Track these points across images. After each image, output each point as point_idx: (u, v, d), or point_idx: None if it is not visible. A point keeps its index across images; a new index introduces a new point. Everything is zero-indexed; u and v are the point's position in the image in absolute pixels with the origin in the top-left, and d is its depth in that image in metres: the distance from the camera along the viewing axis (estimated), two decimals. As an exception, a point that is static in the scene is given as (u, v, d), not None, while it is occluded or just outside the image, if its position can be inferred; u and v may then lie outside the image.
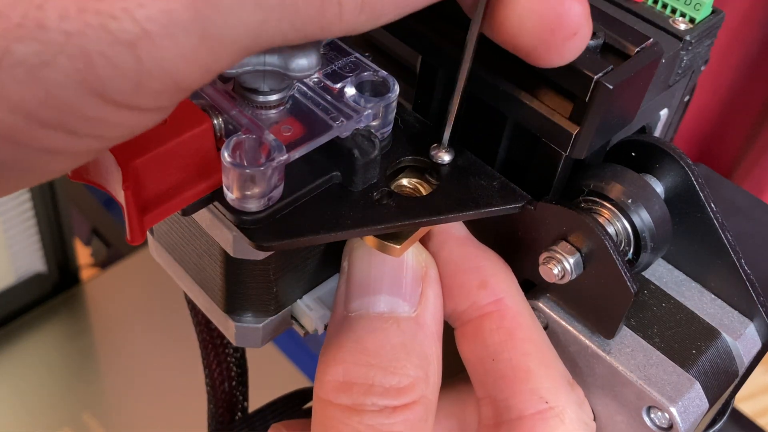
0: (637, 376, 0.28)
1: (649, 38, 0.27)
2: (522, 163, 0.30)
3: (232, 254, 0.29)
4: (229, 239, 0.28)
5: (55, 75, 0.17)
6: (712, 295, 0.31)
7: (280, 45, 0.20)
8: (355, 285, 0.29)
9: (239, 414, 0.40)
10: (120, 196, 0.24)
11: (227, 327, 0.33)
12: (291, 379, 0.99)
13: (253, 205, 0.26)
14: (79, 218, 1.17)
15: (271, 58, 0.24)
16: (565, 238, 0.28)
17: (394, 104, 0.28)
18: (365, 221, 0.27)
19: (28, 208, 0.99)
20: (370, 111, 0.27)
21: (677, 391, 0.28)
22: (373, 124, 0.28)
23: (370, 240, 0.29)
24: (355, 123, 0.27)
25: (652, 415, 0.29)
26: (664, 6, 0.29)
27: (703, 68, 0.31)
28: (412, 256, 0.29)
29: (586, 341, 0.30)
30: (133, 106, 0.19)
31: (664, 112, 0.32)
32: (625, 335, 0.30)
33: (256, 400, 0.41)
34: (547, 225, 0.28)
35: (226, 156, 0.25)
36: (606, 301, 0.28)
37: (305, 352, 1.03)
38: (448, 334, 0.30)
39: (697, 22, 0.29)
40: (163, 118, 0.20)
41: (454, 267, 0.30)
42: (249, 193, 0.25)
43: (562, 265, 0.28)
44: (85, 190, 1.17)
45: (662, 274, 0.32)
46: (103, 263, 1.17)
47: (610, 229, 0.29)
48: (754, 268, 0.30)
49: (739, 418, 0.71)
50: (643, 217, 0.29)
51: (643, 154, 0.30)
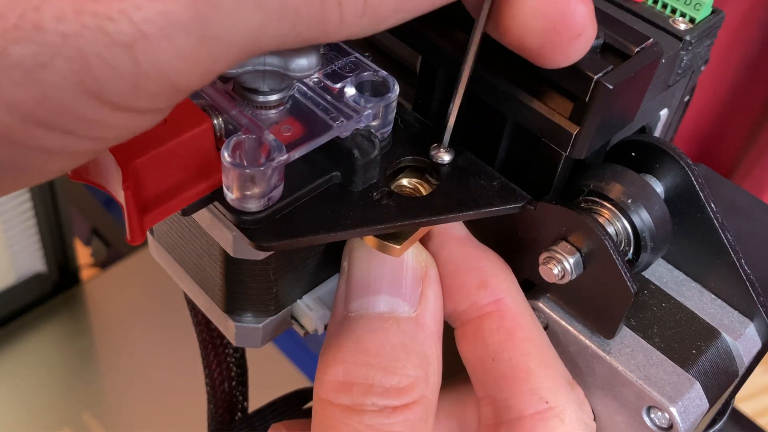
0: (637, 376, 0.28)
1: (649, 38, 0.27)
2: (522, 163, 0.30)
3: (232, 254, 0.29)
4: (229, 239, 0.28)
5: (51, 76, 0.17)
6: (712, 295, 0.31)
7: (280, 48, 0.20)
8: (355, 285, 0.29)
9: (239, 414, 0.40)
10: (120, 196, 0.24)
11: (227, 327, 0.33)
12: (291, 379, 0.99)
13: (253, 205, 0.26)
14: (79, 218, 1.17)
15: (271, 59, 0.24)
16: (565, 238, 0.28)
17: (394, 104, 0.28)
18: (365, 221, 0.27)
19: (28, 208, 0.99)
20: (370, 111, 0.27)
21: (677, 391, 0.28)
22: (373, 124, 0.28)
23: (370, 240, 0.29)
24: (355, 123, 0.27)
25: (652, 415, 0.29)
26: (664, 6, 0.29)
27: (703, 68, 0.31)
28: (412, 256, 0.29)
29: (586, 341, 0.30)
30: (130, 107, 0.19)
31: (664, 112, 0.32)
32: (625, 335, 0.30)
33: (256, 400, 0.41)
34: (547, 225, 0.28)
35: (226, 156, 0.25)
36: (606, 301, 0.28)
37: (305, 352, 1.03)
38: (448, 334, 0.30)
39: (697, 22, 0.29)
40: (160, 119, 0.20)
41: (454, 267, 0.30)
42: (249, 193, 0.25)
43: (562, 265, 0.28)
44: (85, 190, 1.17)
45: (662, 274, 0.32)
46: (103, 263, 1.17)
47: (610, 229, 0.29)
48: (754, 268, 0.30)
49: (739, 418, 0.71)
50: (643, 217, 0.29)
51: (643, 154, 0.30)
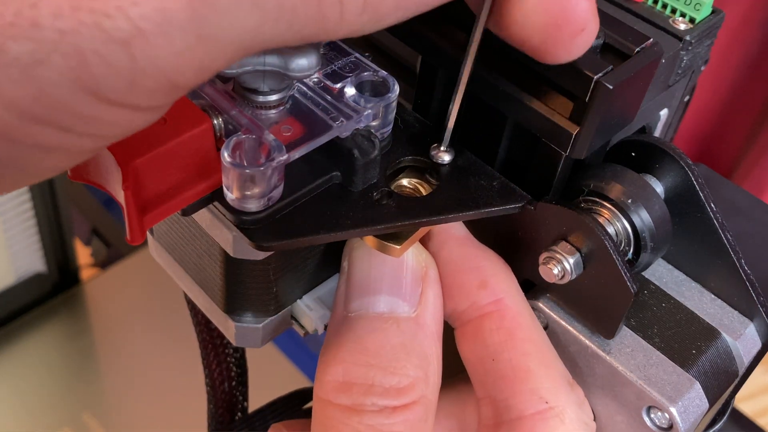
0: (637, 376, 0.28)
1: (649, 38, 0.27)
2: (522, 163, 0.30)
3: (232, 254, 0.29)
4: (229, 239, 0.28)
5: (48, 73, 0.17)
6: (712, 295, 0.31)
7: (278, 46, 0.20)
8: (355, 285, 0.29)
9: (239, 414, 0.40)
10: (120, 196, 0.24)
11: (227, 327, 0.33)
12: (291, 379, 0.99)
13: (253, 205, 0.26)
14: (79, 218, 1.17)
15: (271, 58, 0.24)
16: (565, 238, 0.28)
17: (394, 104, 0.28)
18: (365, 221, 0.27)
19: (28, 208, 0.99)
20: (370, 111, 0.27)
21: (677, 391, 0.28)
22: (373, 124, 0.28)
23: (370, 240, 0.29)
24: (355, 123, 0.27)
25: (652, 415, 0.29)
26: (664, 6, 0.29)
27: (703, 68, 0.31)
28: (412, 256, 0.29)
29: (586, 341, 0.30)
30: (127, 104, 0.19)
31: (664, 112, 0.32)
32: (625, 335, 0.29)
33: (256, 400, 0.41)
34: (547, 225, 0.28)
35: (226, 156, 0.25)
36: (606, 301, 0.28)
37: (305, 352, 1.03)
38: (448, 334, 0.30)
39: (697, 22, 0.29)
40: (158, 116, 0.20)
41: (454, 267, 0.30)
42: (249, 193, 0.25)
43: (562, 265, 0.28)
44: (85, 190, 1.17)
45: (662, 274, 0.32)
46: (103, 263, 1.17)
47: (610, 229, 0.29)
48: (754, 268, 0.30)
49: (739, 418, 0.71)
50: (643, 217, 0.29)
51: (643, 154, 0.30)
